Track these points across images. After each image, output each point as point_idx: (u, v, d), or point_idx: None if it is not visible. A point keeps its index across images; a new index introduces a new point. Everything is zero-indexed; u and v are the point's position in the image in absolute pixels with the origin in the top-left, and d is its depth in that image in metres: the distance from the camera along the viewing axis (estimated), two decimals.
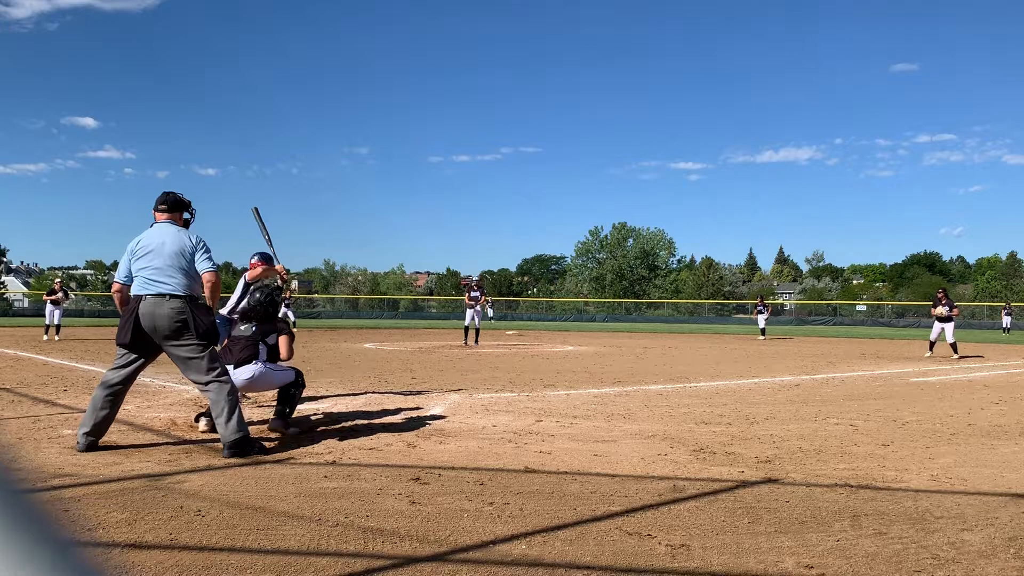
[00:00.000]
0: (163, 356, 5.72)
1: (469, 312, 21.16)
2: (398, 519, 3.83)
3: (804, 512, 4.09)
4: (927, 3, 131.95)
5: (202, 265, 5.60)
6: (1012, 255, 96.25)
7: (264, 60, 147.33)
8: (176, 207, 5.78)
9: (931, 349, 18.52)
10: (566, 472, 5.00)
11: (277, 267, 7.48)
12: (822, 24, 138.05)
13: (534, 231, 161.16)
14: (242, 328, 6.48)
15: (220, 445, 5.45)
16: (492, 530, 3.67)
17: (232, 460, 5.19)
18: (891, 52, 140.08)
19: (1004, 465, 5.47)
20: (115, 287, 5.66)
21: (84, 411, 5.59)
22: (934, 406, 8.78)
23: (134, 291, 5.50)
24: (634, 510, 4.09)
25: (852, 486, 4.71)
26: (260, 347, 6.40)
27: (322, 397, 8.67)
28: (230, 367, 6.06)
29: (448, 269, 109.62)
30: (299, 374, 6.61)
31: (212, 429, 6.09)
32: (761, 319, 28.63)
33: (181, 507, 3.97)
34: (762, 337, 27.96)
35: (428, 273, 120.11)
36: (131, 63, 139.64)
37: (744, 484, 4.75)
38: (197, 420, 6.47)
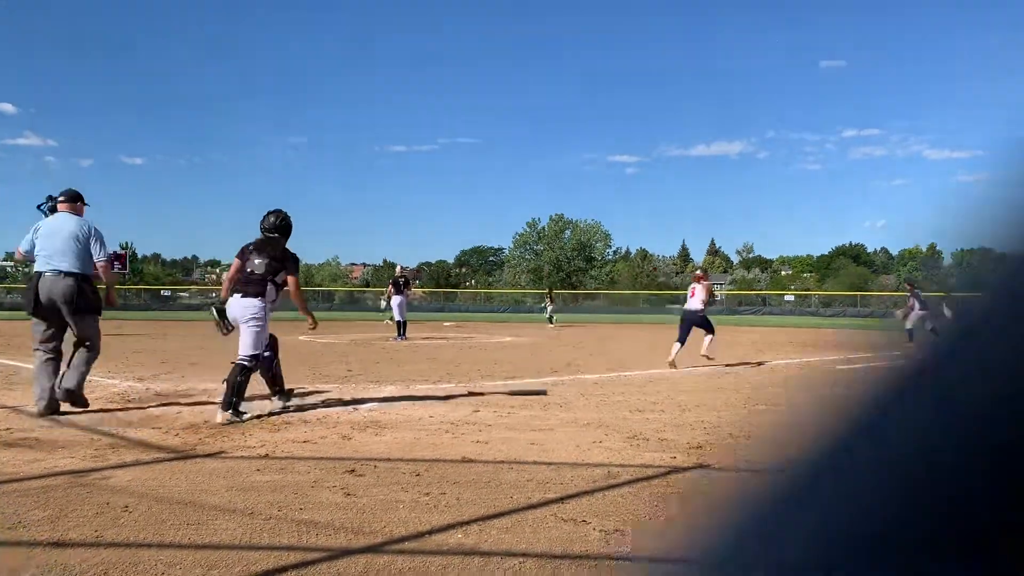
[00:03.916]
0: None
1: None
2: (333, 511, 3.79)
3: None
4: (855, 2, 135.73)
5: (96, 254, 6.69)
6: (932, 247, 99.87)
7: (196, 46, 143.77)
8: (74, 199, 6.88)
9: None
10: (503, 461, 5.01)
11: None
12: (755, 21, 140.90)
13: (472, 222, 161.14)
14: (256, 263, 6.86)
15: (148, 440, 5.49)
16: (428, 520, 3.66)
17: (161, 455, 5.07)
18: (820, 49, 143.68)
19: None
20: (18, 253, 6.81)
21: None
22: None
23: (36, 268, 6.57)
24: (569, 497, 4.12)
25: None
26: (269, 286, 6.81)
27: (258, 392, 8.50)
28: (239, 295, 6.73)
29: (385, 260, 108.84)
30: (257, 358, 6.74)
31: (231, 421, 6.37)
32: (549, 309, 31.62)
33: (107, 503, 3.87)
34: (551, 325, 30.39)
35: (364, 264, 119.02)
36: (54, 47, 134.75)
37: (676, 470, 4.84)
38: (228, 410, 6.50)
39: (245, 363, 6.62)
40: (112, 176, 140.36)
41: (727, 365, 12.71)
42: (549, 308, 32.15)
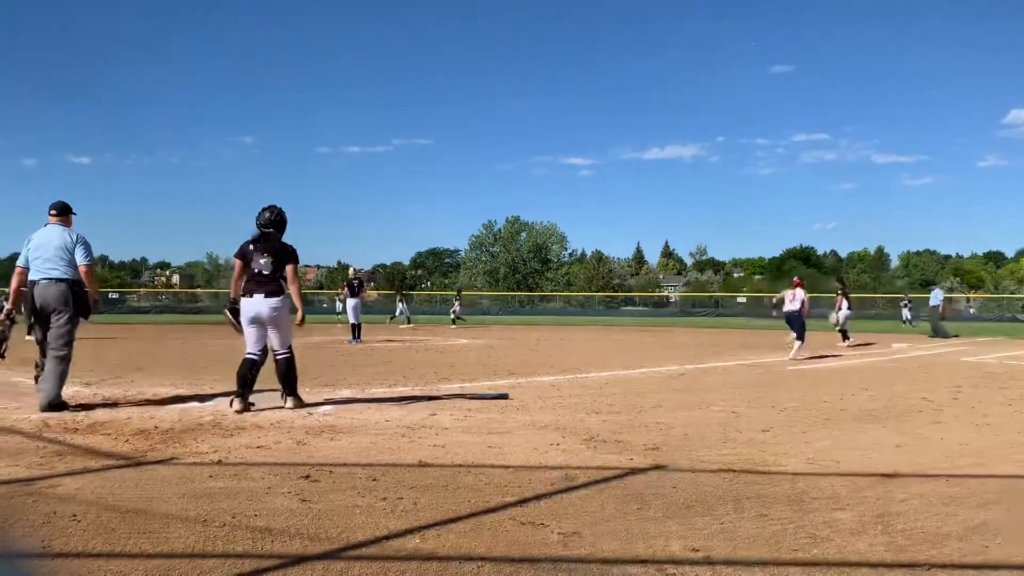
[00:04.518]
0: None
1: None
2: (288, 517, 3.74)
3: (690, 497, 4.23)
4: (804, 7, 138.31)
5: (79, 259, 7.17)
6: (879, 249, 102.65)
7: (142, 44, 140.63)
8: (63, 211, 7.39)
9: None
10: (460, 465, 5.00)
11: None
12: (705, 25, 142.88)
13: (428, 224, 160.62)
14: (262, 262, 7.20)
15: (96, 446, 5.37)
16: (385, 525, 3.63)
17: (110, 462, 4.96)
18: (770, 54, 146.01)
19: (872, 447, 5.81)
20: (18, 270, 7.25)
21: None
22: (810, 393, 9.23)
23: (30, 277, 7.12)
24: (527, 500, 4.13)
25: (735, 471, 4.90)
26: (281, 282, 7.29)
27: (208, 395, 8.37)
28: (260, 295, 7.14)
29: (339, 262, 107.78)
30: (291, 347, 7.49)
31: (245, 408, 7.09)
32: (453, 311, 33.29)
33: (54, 512, 3.77)
34: (454, 326, 31.70)
35: (318, 267, 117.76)
36: None
37: (633, 471, 4.87)
38: (231, 403, 7.19)
39: (288, 355, 7.42)
40: (58, 176, 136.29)
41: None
42: (455, 309, 33.32)
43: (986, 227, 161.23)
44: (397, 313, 34.06)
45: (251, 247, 7.29)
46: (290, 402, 7.41)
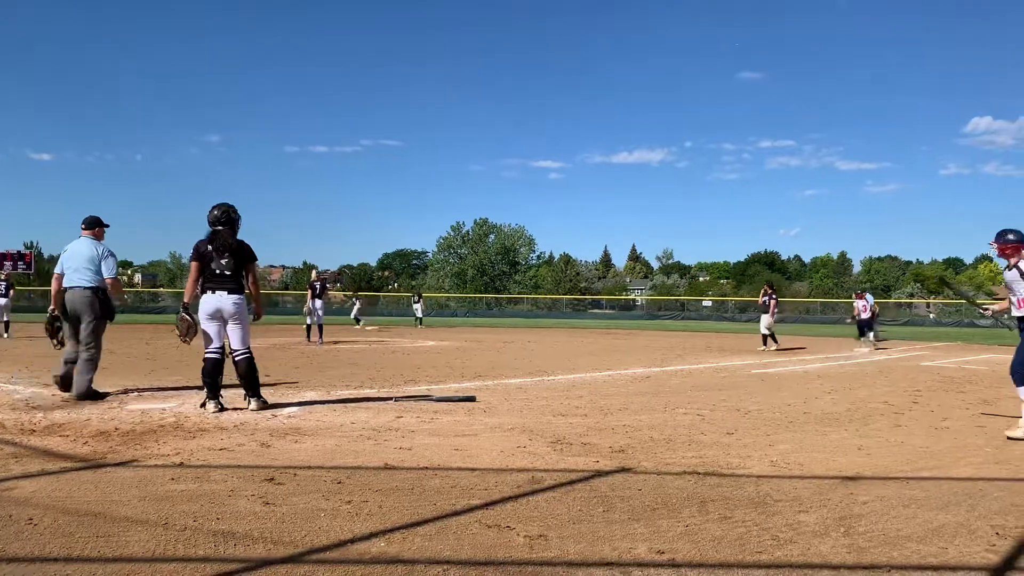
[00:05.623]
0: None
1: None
2: (251, 521, 3.69)
3: (655, 499, 4.25)
4: (773, 15, 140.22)
5: (106, 271, 8.13)
6: (842, 254, 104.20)
7: (104, 38, 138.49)
8: (92, 225, 8.35)
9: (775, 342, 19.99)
10: (426, 467, 4.98)
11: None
12: (674, 30, 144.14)
13: (395, 225, 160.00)
14: (223, 263, 7.25)
15: (54, 448, 5.30)
16: (350, 529, 3.60)
17: (69, 464, 4.87)
18: (739, 60, 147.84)
19: (835, 450, 5.88)
20: (55, 276, 8.18)
21: None
22: (773, 396, 9.33)
23: (63, 284, 8.06)
24: (493, 503, 4.12)
25: (699, 473, 4.93)
26: (242, 282, 7.38)
27: (171, 396, 8.25)
28: (223, 292, 7.20)
29: (305, 263, 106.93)
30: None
31: (221, 409, 7.14)
32: (355, 310, 33.22)
33: (10, 516, 3.68)
34: (357, 326, 31.38)
35: (283, 267, 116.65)
36: None
37: (599, 474, 4.89)
38: (203, 406, 7.22)
39: (247, 355, 7.37)
40: (17, 172, 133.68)
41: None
42: (356, 309, 33.25)
43: (946, 234, 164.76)
44: (419, 314, 34.46)
45: (209, 247, 7.28)
46: (254, 403, 7.31)
